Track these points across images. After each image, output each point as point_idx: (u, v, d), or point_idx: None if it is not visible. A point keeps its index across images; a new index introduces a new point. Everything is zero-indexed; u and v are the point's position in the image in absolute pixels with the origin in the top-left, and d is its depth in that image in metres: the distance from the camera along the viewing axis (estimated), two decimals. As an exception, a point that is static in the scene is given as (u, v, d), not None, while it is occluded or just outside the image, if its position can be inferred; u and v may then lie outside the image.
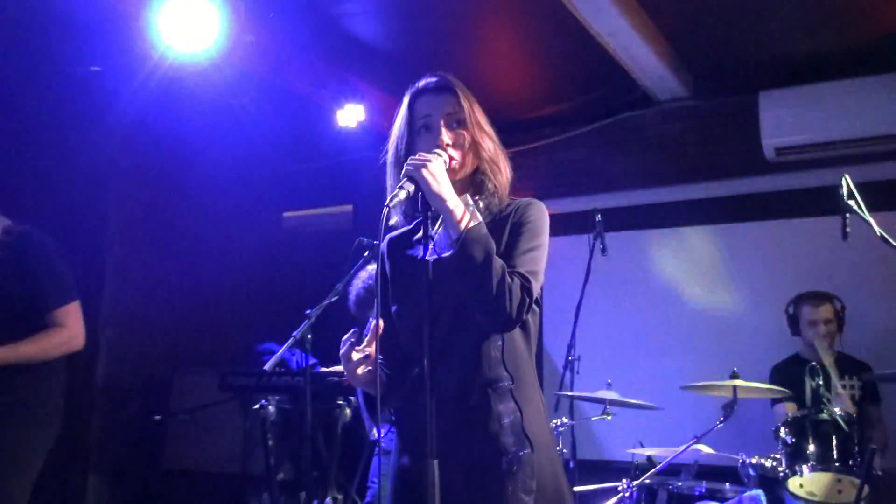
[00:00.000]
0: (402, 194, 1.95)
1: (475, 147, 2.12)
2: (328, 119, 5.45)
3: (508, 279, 1.95)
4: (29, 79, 5.10)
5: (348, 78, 5.47)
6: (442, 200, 1.96)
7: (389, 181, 2.20)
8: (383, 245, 2.26)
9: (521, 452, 1.99)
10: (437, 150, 2.05)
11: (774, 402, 4.67)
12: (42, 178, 5.23)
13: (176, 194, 5.94)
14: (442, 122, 2.11)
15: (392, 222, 2.21)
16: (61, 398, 3.45)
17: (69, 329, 3.35)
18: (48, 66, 5.05)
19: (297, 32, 4.98)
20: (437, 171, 1.98)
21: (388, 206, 1.95)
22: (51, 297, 3.34)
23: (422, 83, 2.19)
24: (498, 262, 1.95)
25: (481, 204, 2.12)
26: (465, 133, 2.12)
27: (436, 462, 1.80)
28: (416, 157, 2.01)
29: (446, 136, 2.10)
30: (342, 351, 1.97)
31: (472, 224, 1.97)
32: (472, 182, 2.15)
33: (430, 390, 1.86)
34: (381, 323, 1.94)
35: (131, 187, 5.64)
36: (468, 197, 2.06)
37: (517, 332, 2.08)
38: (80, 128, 5.34)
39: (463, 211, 1.98)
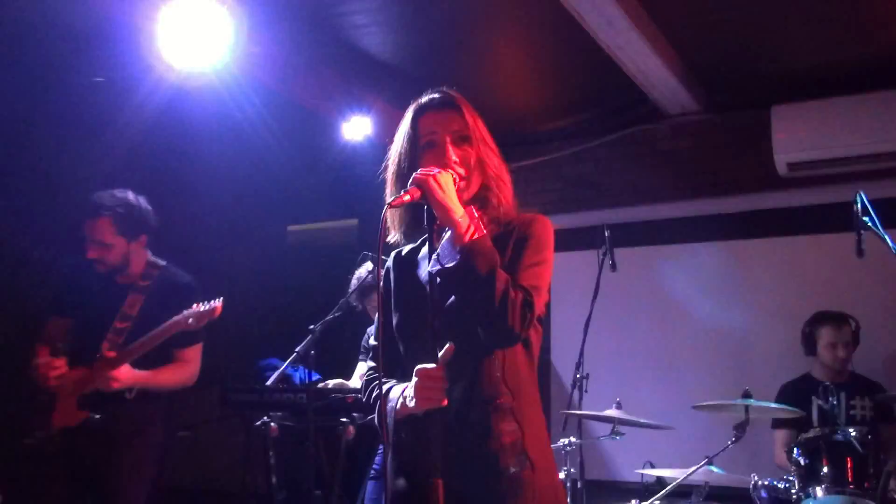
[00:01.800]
0: (406, 198, 1.94)
1: (481, 164, 2.11)
2: (334, 132, 5.42)
3: (511, 293, 1.92)
4: (33, 90, 5.08)
5: (355, 91, 5.44)
6: (447, 210, 1.94)
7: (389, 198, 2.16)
8: (389, 261, 2.27)
9: (522, 473, 1.96)
10: (447, 170, 2.03)
11: (775, 425, 4.60)
12: (45, 190, 5.19)
13: (179, 206, 5.88)
14: (448, 140, 2.10)
15: (392, 239, 2.21)
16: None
17: (191, 367, 3.62)
18: (52, 76, 5.03)
19: (303, 45, 4.96)
20: (445, 182, 1.96)
21: (389, 204, 1.94)
22: (182, 337, 3.53)
23: (425, 99, 2.18)
24: (502, 275, 1.93)
25: (486, 219, 2.10)
26: (470, 150, 2.11)
27: (440, 481, 1.79)
28: (425, 168, 1.99)
29: (453, 154, 2.08)
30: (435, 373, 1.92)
31: (476, 236, 1.93)
32: (477, 198, 2.13)
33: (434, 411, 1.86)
34: (451, 346, 1.91)
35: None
36: (473, 209, 2.03)
37: (519, 349, 2.06)
38: (84, 139, 5.31)
39: (468, 223, 1.95)
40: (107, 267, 3.56)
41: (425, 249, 2.08)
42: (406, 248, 2.25)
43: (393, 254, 2.28)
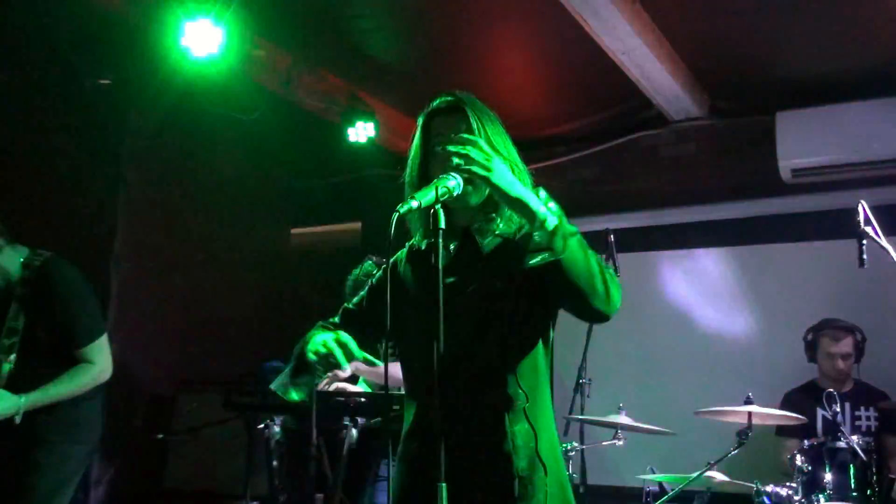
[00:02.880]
0: (413, 204, 1.89)
1: None
2: (339, 135, 5.42)
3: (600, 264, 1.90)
4: (40, 91, 5.09)
5: (360, 94, 5.45)
6: (517, 199, 1.86)
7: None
8: (401, 254, 2.26)
9: (535, 476, 1.96)
10: (452, 174, 1.99)
11: (779, 432, 4.59)
12: (51, 191, 5.21)
13: (184, 209, 5.91)
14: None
15: (412, 241, 2.22)
16: (99, 417, 3.50)
17: (97, 365, 3.38)
18: (60, 78, 5.04)
19: (308, 48, 4.96)
20: (501, 167, 1.89)
21: (398, 212, 1.88)
22: (79, 335, 3.36)
23: (435, 104, 2.18)
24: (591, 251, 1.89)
25: (501, 223, 2.10)
26: None
27: (444, 486, 1.76)
28: (463, 150, 1.90)
29: (457, 157, 2.05)
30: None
31: (558, 218, 1.86)
32: (489, 201, 2.10)
33: (438, 409, 1.83)
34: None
35: (140, 202, 5.61)
36: (541, 190, 1.94)
37: (540, 348, 2.07)
38: (91, 141, 5.32)
39: (541, 207, 1.87)
40: None
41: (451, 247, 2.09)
42: (423, 245, 2.21)
43: (407, 246, 2.26)
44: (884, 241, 3.09)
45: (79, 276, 3.44)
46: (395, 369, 2.28)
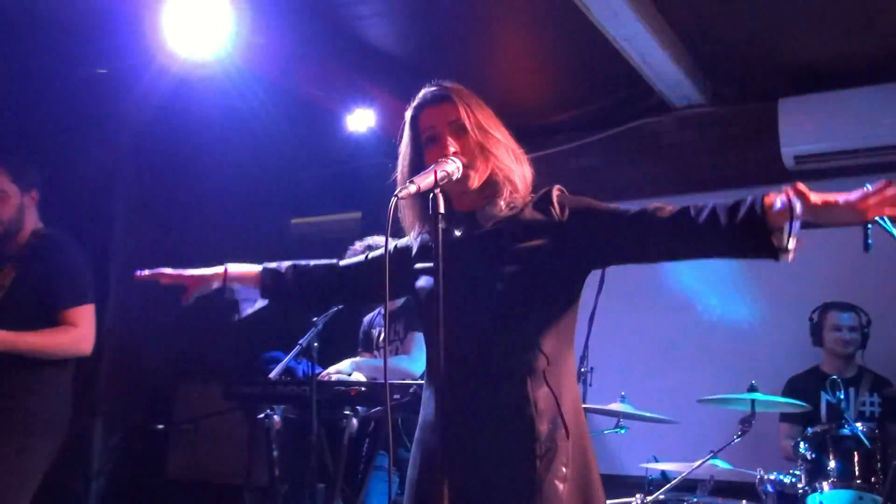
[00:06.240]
0: (413, 188, 1.90)
1: (483, 150, 2.10)
2: (338, 124, 5.40)
3: None
4: (35, 81, 5.06)
5: (359, 82, 5.42)
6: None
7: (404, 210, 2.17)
8: (409, 240, 2.27)
9: (557, 439, 1.97)
10: (451, 158, 2.02)
11: (783, 419, 4.58)
12: (46, 182, 5.17)
13: (182, 199, 5.89)
14: (447, 132, 2.09)
15: (403, 241, 2.25)
16: (64, 407, 3.41)
17: (79, 330, 3.33)
18: (54, 68, 5.01)
19: (306, 36, 4.93)
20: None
21: (396, 195, 1.89)
22: (64, 295, 3.34)
23: (420, 97, 2.18)
24: None
25: (503, 203, 2.11)
26: (469, 138, 2.09)
27: (446, 480, 1.76)
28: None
29: (452, 145, 2.07)
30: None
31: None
32: (489, 184, 2.12)
33: (442, 408, 1.85)
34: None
35: (137, 192, 5.59)
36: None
37: (562, 312, 2.09)
38: (86, 131, 5.29)
39: None
40: (2, 225, 3.40)
41: (457, 232, 2.10)
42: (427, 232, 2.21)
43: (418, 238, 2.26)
44: (889, 226, 3.06)
45: (79, 251, 3.47)
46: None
